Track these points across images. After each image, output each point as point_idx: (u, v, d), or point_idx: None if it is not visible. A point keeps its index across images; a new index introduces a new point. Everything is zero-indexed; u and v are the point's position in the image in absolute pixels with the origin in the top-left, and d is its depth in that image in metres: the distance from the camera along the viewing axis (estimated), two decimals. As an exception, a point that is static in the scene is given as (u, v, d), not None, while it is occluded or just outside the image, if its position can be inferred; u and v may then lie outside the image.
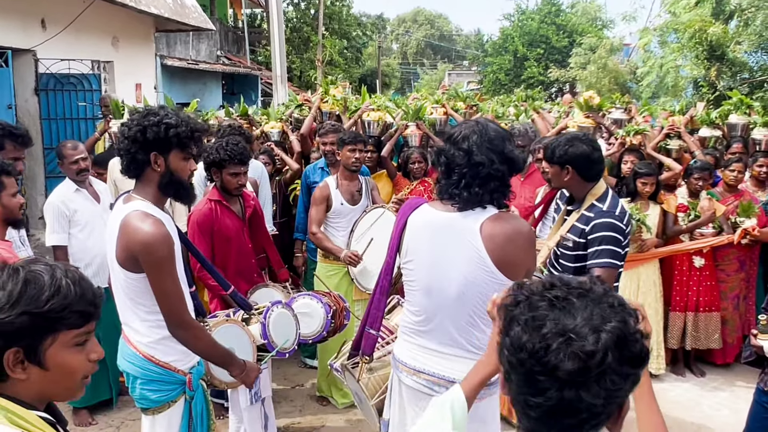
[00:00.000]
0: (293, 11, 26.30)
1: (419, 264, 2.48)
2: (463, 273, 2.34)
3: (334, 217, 4.71)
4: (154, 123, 2.41)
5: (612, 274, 3.09)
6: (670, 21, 13.23)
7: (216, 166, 3.91)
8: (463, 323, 2.40)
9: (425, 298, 2.47)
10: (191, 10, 12.27)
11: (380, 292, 2.73)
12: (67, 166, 4.35)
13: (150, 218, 2.40)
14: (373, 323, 2.76)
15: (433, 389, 2.41)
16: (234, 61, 20.06)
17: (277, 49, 10.71)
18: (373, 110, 6.00)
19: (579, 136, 3.32)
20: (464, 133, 2.38)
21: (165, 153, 2.46)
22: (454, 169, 2.36)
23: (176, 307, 2.46)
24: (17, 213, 2.99)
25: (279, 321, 3.27)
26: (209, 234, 3.89)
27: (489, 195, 2.34)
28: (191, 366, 2.65)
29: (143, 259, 2.38)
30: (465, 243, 2.33)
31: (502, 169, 2.32)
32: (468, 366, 2.26)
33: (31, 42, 8.39)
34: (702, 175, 5.20)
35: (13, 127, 4.01)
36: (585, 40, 21.26)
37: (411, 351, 2.53)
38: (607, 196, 3.17)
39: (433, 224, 2.44)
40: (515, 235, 2.32)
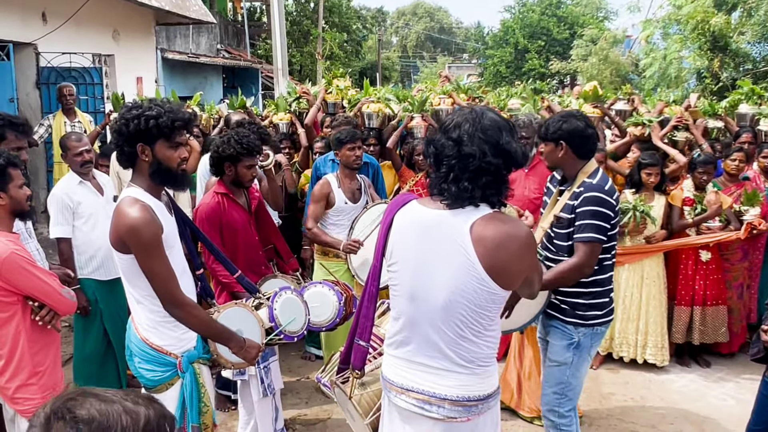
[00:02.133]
0: (293, 4, 26.23)
1: (403, 266, 2.23)
2: (450, 279, 2.09)
3: (336, 214, 4.72)
4: (135, 116, 2.53)
5: (596, 249, 3.11)
6: (672, 12, 13.18)
7: (230, 160, 3.89)
8: (450, 334, 2.14)
9: (408, 304, 2.22)
10: (192, 2, 12.22)
11: (368, 299, 2.50)
12: (71, 158, 4.33)
13: (138, 203, 2.53)
14: (362, 334, 2.52)
15: (424, 408, 2.19)
16: (234, 55, 19.98)
17: (278, 42, 10.67)
18: (373, 102, 5.98)
19: (573, 113, 3.35)
20: (457, 121, 2.14)
21: (150, 143, 2.58)
22: (443, 160, 2.13)
23: (166, 286, 2.56)
24: (24, 204, 2.97)
25: (287, 305, 3.28)
26: (218, 227, 3.90)
27: (481, 191, 2.09)
28: (184, 350, 2.73)
29: (130, 242, 2.50)
30: (453, 245, 2.09)
31: (494, 163, 2.07)
32: (460, 381, 2.17)
33: (32, 35, 8.35)
34: (706, 169, 5.18)
35: (13, 117, 3.99)
36: (586, 31, 21.19)
37: (397, 367, 2.29)
38: (597, 173, 3.19)
39: (420, 223, 2.20)
40: (508, 239, 2.05)
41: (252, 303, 3.28)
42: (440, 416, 2.17)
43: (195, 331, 2.73)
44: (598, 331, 3.30)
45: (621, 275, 5.19)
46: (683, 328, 5.27)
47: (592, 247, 3.09)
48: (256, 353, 2.89)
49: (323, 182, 4.68)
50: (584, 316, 3.24)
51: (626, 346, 5.24)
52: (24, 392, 2.91)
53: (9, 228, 2.96)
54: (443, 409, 2.17)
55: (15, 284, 2.81)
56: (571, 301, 3.26)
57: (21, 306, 2.88)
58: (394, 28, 56.99)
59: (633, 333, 5.20)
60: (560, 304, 3.30)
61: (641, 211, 4.99)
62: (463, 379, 2.18)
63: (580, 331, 3.25)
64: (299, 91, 6.51)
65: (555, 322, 3.33)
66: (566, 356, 3.28)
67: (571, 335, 3.26)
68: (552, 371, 3.36)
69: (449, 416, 2.17)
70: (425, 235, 2.18)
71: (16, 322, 2.87)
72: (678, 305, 5.28)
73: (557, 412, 3.33)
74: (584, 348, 3.28)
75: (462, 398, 2.17)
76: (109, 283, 4.37)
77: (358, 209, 4.68)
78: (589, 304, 3.24)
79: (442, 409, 2.17)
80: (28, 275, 2.82)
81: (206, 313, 2.80)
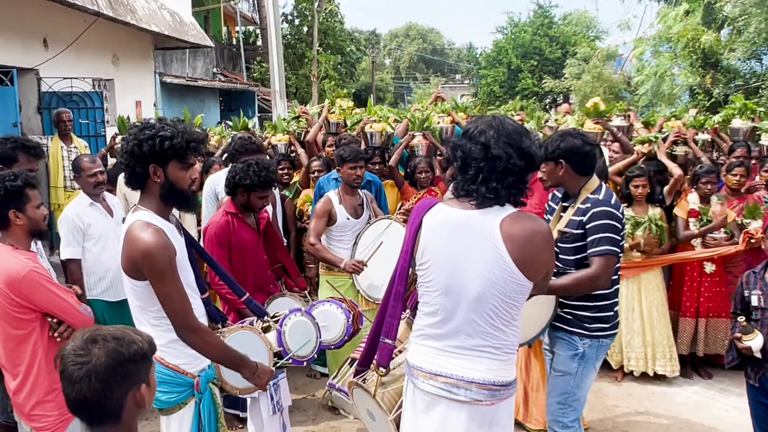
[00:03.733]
0: (288, 28, 26.45)
1: (437, 263, 2.39)
2: (482, 272, 2.27)
3: (338, 231, 4.77)
4: (149, 136, 2.47)
5: (612, 261, 3.17)
6: (662, 31, 13.40)
7: (245, 188, 3.96)
8: (483, 324, 2.31)
9: (444, 298, 2.38)
10: (190, 27, 12.38)
11: (395, 298, 2.62)
12: (85, 179, 4.39)
13: (150, 227, 2.47)
14: (389, 332, 2.64)
15: (452, 391, 2.33)
16: (230, 78, 20.15)
17: (275, 64, 10.79)
18: (375, 122, 6.07)
19: (570, 132, 3.43)
20: (481, 128, 2.32)
21: (163, 165, 2.53)
22: (471, 163, 2.30)
23: (180, 310, 2.51)
24: (42, 224, 3.03)
25: (296, 328, 3.28)
26: (227, 246, 3.94)
27: (506, 191, 2.28)
28: (200, 369, 2.70)
29: (144, 267, 2.44)
30: (485, 241, 2.27)
31: (519, 164, 2.27)
32: (488, 364, 2.34)
33: (34, 61, 8.46)
34: (709, 179, 5.25)
35: (26, 140, 4.07)
36: (579, 50, 21.46)
37: (427, 355, 2.43)
38: (600, 189, 3.27)
39: (451, 222, 2.36)
40: (534, 234, 2.26)
41: (260, 326, 3.30)
42: (466, 398, 2.32)
43: (208, 357, 2.69)
44: (603, 343, 3.35)
45: (622, 289, 5.24)
46: (688, 339, 5.31)
47: (609, 259, 3.14)
48: (268, 379, 2.87)
49: (325, 199, 4.75)
50: (590, 327, 3.29)
51: (635, 360, 5.27)
52: (41, 409, 2.95)
53: (27, 247, 3.02)
54: (470, 391, 2.32)
55: (34, 301, 2.86)
56: (577, 313, 3.32)
57: (39, 323, 2.93)
58: (387, 50, 57.42)
59: (640, 346, 5.22)
60: (566, 316, 3.35)
61: (657, 224, 5.04)
62: (491, 364, 2.34)
63: (585, 342, 3.30)
64: (298, 111, 6.63)
65: (561, 333, 3.38)
66: (571, 366, 3.33)
67: (576, 346, 3.31)
68: (557, 381, 3.40)
69: (475, 399, 2.32)
70: (456, 233, 2.34)
71: (34, 339, 2.92)
72: (683, 316, 5.32)
73: (561, 422, 3.37)
74: (589, 359, 3.33)
75: (488, 382, 2.32)
76: (118, 305, 4.38)
77: (361, 224, 4.74)
78: (595, 317, 3.29)
79: (469, 391, 2.32)
80: (47, 292, 2.88)
81: (220, 338, 2.78)
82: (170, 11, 11.61)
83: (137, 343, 1.67)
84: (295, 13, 26.53)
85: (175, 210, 2.76)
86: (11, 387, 2.97)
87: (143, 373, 1.68)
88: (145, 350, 1.69)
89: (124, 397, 1.64)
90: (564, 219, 3.35)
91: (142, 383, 1.67)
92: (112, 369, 1.60)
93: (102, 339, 1.62)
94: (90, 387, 1.58)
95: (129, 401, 1.65)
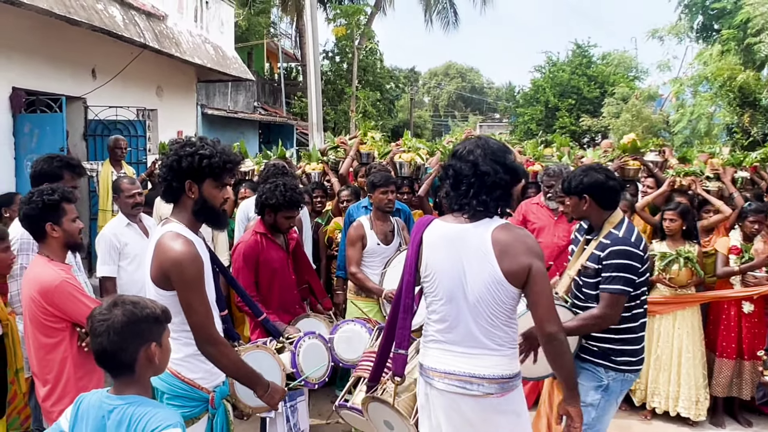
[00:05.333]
0: (329, 65, 27.01)
1: (440, 275, 2.63)
2: (479, 279, 2.53)
3: (368, 256, 4.81)
4: (189, 153, 2.56)
5: (620, 300, 3.18)
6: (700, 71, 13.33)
7: (272, 209, 4.04)
8: (485, 325, 2.57)
9: (448, 305, 2.62)
10: (232, 60, 12.76)
11: (404, 311, 2.79)
12: (124, 199, 4.55)
13: (181, 238, 2.53)
14: (402, 343, 2.82)
15: (466, 387, 2.58)
16: (270, 112, 20.62)
17: (313, 97, 11.05)
18: (405, 152, 6.16)
19: (593, 167, 3.48)
20: (469, 148, 2.61)
21: (199, 182, 2.61)
22: (462, 180, 2.58)
23: (204, 323, 2.55)
24: (77, 237, 3.15)
25: (310, 351, 3.34)
26: (254, 265, 4.00)
27: (495, 203, 2.57)
28: (215, 385, 2.73)
29: (174, 276, 2.49)
30: (478, 251, 2.54)
31: (505, 178, 2.57)
32: (493, 361, 2.59)
33: (82, 90, 8.82)
34: (758, 218, 5.10)
35: (70, 158, 4.26)
36: (617, 89, 21.38)
37: (439, 357, 2.66)
38: (623, 223, 3.28)
39: (448, 236, 2.62)
40: (515, 241, 2.53)
41: (274, 346, 3.34)
42: (480, 393, 2.57)
43: (224, 371, 2.72)
44: (628, 378, 3.33)
45: (654, 324, 5.14)
46: (724, 381, 5.11)
47: (617, 298, 3.15)
48: (280, 398, 2.89)
49: (356, 225, 4.81)
50: (616, 360, 3.27)
51: (658, 397, 5.14)
52: (68, 417, 3.02)
53: (62, 259, 3.13)
54: (483, 386, 2.57)
55: (64, 310, 2.97)
56: (603, 346, 3.30)
57: (69, 333, 3.03)
58: (426, 88, 57.98)
59: (665, 384, 5.09)
60: (591, 347, 3.34)
61: (686, 257, 4.96)
62: (497, 360, 2.60)
63: (610, 375, 3.28)
64: (337, 141, 6.76)
65: (586, 364, 3.35)
66: (594, 398, 3.30)
67: (601, 378, 3.29)
68: None
69: (487, 392, 2.57)
70: (453, 245, 2.61)
71: (63, 348, 3.01)
72: (719, 357, 5.14)
73: None
74: (613, 392, 3.30)
75: (497, 376, 2.58)
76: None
77: (391, 251, 4.77)
78: (621, 350, 3.27)
79: (482, 386, 2.57)
80: (77, 302, 2.98)
81: (237, 354, 2.82)
82: (214, 45, 11.99)
83: (150, 308, 1.99)
84: (335, 50, 27.11)
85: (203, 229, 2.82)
86: (41, 394, 3.07)
87: (154, 334, 1.98)
88: (157, 314, 2.00)
89: (137, 351, 1.94)
90: (586, 252, 3.37)
91: (153, 342, 1.97)
92: (127, 326, 1.91)
93: (121, 303, 1.96)
94: (109, 340, 1.90)
95: (141, 356, 1.95)
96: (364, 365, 3.33)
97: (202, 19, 11.73)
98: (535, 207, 5.53)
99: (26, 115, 7.73)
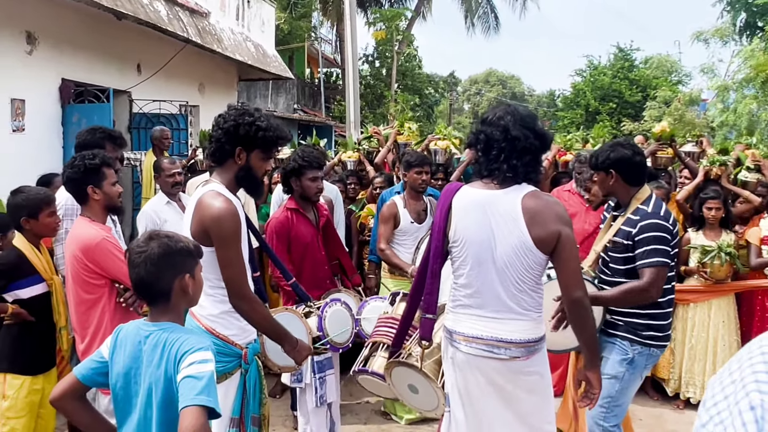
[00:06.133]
0: (368, 69, 27.22)
1: (468, 240, 2.65)
2: (508, 244, 2.55)
3: (401, 234, 4.87)
4: (247, 122, 2.68)
5: (662, 272, 3.16)
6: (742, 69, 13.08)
7: (295, 174, 4.13)
8: (512, 290, 2.60)
9: (476, 271, 2.64)
10: (272, 59, 13.00)
11: (431, 276, 2.81)
12: (164, 178, 4.74)
13: (222, 197, 2.65)
14: (429, 308, 2.84)
15: (493, 351, 2.61)
16: (309, 114, 20.90)
17: (351, 92, 11.19)
18: (440, 139, 6.22)
19: (620, 142, 3.50)
20: (499, 114, 2.64)
21: (249, 150, 2.72)
22: (493, 145, 2.60)
23: (238, 278, 2.66)
24: (116, 201, 3.31)
25: (335, 316, 3.43)
26: (286, 240, 4.09)
27: (524, 168, 2.58)
28: (248, 342, 2.82)
29: (213, 231, 2.60)
30: (507, 217, 2.55)
31: (535, 144, 2.59)
32: (520, 326, 2.63)
33: (128, 84, 9.11)
34: None
35: (111, 130, 4.50)
36: (659, 93, 21.07)
37: (466, 321, 2.69)
38: (650, 199, 3.29)
39: (478, 202, 2.64)
40: (545, 208, 2.55)
41: (302, 310, 3.45)
42: (507, 356, 2.61)
43: (255, 326, 2.82)
44: (654, 353, 3.33)
45: (689, 313, 5.10)
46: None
47: (658, 270, 3.14)
48: (306, 355, 2.99)
49: (390, 203, 4.87)
50: (642, 335, 3.29)
51: (692, 387, 5.09)
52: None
53: (103, 221, 3.29)
54: (510, 350, 2.61)
55: (104, 267, 3.11)
56: (628, 320, 3.31)
57: (108, 289, 3.17)
58: (466, 95, 57.87)
59: (700, 374, 5.05)
60: (617, 322, 3.35)
61: (728, 252, 4.91)
62: (524, 325, 2.63)
63: (635, 349, 3.30)
64: (371, 131, 6.85)
65: (612, 337, 3.37)
66: (619, 370, 3.32)
67: (626, 351, 3.31)
68: (602, 384, 3.37)
69: (514, 356, 2.61)
70: (483, 211, 2.62)
71: (102, 304, 3.16)
72: None
73: (602, 426, 3.36)
74: (638, 366, 3.32)
75: (523, 340, 2.61)
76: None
77: (424, 230, 4.81)
78: (647, 325, 3.28)
79: (509, 350, 2.61)
80: (116, 260, 3.12)
81: (268, 310, 2.92)
82: (254, 43, 12.25)
83: (184, 242, 2.13)
84: (375, 54, 27.31)
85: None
86: (80, 348, 3.22)
87: (188, 266, 2.11)
88: (190, 248, 2.14)
89: (172, 281, 2.07)
90: (614, 228, 3.38)
91: (187, 273, 2.10)
92: (163, 257, 2.04)
93: (157, 236, 2.10)
94: (146, 270, 2.03)
95: (176, 286, 2.08)
96: (381, 330, 3.37)
97: (243, 18, 12.00)
98: (566, 194, 5.52)
99: (75, 105, 8.02)
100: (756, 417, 0.75)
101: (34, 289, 3.40)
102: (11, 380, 3.34)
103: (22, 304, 3.39)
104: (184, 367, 1.90)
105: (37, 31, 7.35)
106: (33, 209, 3.36)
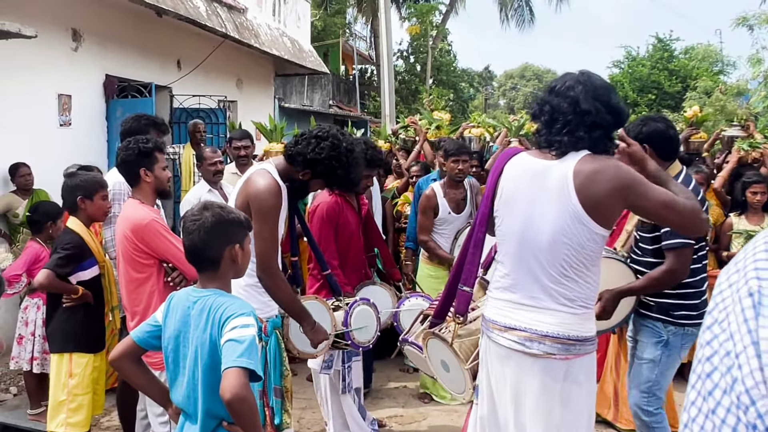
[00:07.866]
0: (403, 65, 27.23)
1: (514, 211, 2.40)
2: (554, 219, 2.27)
3: (439, 225, 4.91)
4: (332, 167, 2.93)
5: (686, 252, 3.05)
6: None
7: None
8: (555, 274, 2.29)
9: (517, 246, 2.38)
10: (308, 54, 13.13)
11: (474, 245, 2.60)
12: (206, 166, 4.89)
13: (269, 176, 2.83)
14: (468, 280, 2.62)
15: (525, 345, 2.32)
16: (345, 110, 21.04)
17: (386, 85, 11.26)
18: (474, 127, 6.24)
19: (652, 116, 3.43)
20: (569, 83, 2.35)
21: (315, 177, 2.99)
22: (558, 118, 2.31)
23: (268, 252, 2.82)
24: (165, 184, 3.44)
25: (361, 315, 3.47)
26: (334, 225, 4.06)
27: (592, 142, 2.28)
28: (269, 317, 2.95)
29: (254, 205, 2.77)
30: (558, 187, 2.27)
31: (607, 119, 2.29)
32: (562, 318, 2.29)
33: (168, 79, 9.32)
34: None
35: (155, 118, 4.69)
36: (700, 83, 20.62)
37: (501, 309, 2.43)
38: (680, 174, 3.20)
39: (531, 170, 2.38)
40: (596, 173, 2.22)
41: (332, 303, 3.51)
42: (540, 352, 2.30)
43: (277, 301, 2.95)
44: (689, 332, 3.25)
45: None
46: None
47: (682, 251, 3.06)
48: (323, 339, 3.13)
49: (429, 192, 4.90)
50: (675, 314, 3.23)
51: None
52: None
53: (152, 203, 3.42)
54: (544, 345, 2.30)
55: (153, 247, 3.23)
56: (660, 301, 3.26)
57: (156, 269, 3.30)
58: (501, 90, 57.44)
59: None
60: (649, 303, 3.32)
61: None
62: (564, 318, 2.31)
63: (669, 330, 3.24)
64: (408, 120, 6.90)
65: (645, 320, 3.34)
66: (655, 354, 3.27)
67: (660, 333, 3.26)
68: (640, 369, 3.34)
69: (548, 352, 2.30)
70: (534, 181, 2.36)
71: (151, 283, 3.28)
72: None
73: (646, 411, 3.30)
74: (674, 347, 3.26)
75: (562, 335, 2.29)
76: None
77: (462, 220, 4.84)
78: (679, 304, 3.23)
79: (543, 345, 2.30)
80: (164, 240, 3.24)
81: (291, 288, 3.05)
82: (291, 39, 12.39)
83: (235, 213, 2.25)
84: (409, 50, 27.31)
85: None
86: (131, 326, 3.34)
87: (238, 236, 2.20)
88: (241, 219, 2.23)
89: (222, 250, 2.16)
90: None
91: (237, 243, 2.18)
92: (215, 226, 2.13)
93: (210, 206, 2.20)
94: (199, 237, 2.13)
95: (226, 254, 2.16)
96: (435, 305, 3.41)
97: (279, 13, 12.16)
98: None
99: (118, 100, 8.24)
100: (753, 302, 0.77)
101: (93, 271, 3.59)
102: (77, 359, 3.55)
103: (83, 286, 3.57)
104: (227, 331, 2.00)
105: (82, 28, 7.57)
106: (89, 190, 3.54)
